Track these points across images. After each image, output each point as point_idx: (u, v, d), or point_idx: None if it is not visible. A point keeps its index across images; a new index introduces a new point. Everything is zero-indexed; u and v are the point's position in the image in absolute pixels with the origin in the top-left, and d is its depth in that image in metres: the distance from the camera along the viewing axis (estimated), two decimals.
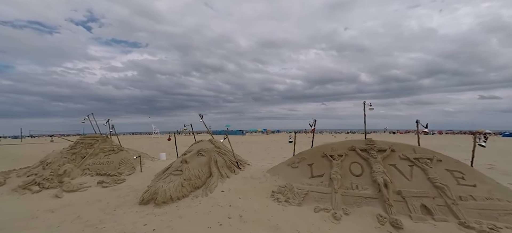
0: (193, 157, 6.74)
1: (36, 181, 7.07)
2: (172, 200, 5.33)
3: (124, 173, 7.83)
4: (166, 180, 5.86)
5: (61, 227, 3.94)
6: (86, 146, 9.10)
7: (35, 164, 8.80)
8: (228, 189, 5.71)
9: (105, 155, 8.78)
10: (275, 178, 6.04)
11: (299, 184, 5.42)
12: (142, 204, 5.27)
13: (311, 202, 4.84)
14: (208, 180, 6.22)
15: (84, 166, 8.23)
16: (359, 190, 4.73)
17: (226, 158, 7.02)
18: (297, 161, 6.19)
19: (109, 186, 6.94)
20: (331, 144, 6.15)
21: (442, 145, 21.81)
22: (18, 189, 6.75)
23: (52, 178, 7.25)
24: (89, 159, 8.56)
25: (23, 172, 8.34)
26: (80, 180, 7.40)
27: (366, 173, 5.08)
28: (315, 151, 6.16)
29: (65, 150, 9.10)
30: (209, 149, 7.07)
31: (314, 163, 5.87)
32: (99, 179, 7.36)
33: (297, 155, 6.46)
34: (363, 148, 5.60)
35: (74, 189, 6.66)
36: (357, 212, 4.32)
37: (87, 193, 6.37)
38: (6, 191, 6.70)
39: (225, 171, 6.62)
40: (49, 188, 6.90)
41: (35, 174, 7.83)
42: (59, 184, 7.07)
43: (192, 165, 6.38)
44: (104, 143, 9.35)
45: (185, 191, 5.66)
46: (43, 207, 5.05)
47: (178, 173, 6.10)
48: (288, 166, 6.32)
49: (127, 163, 8.44)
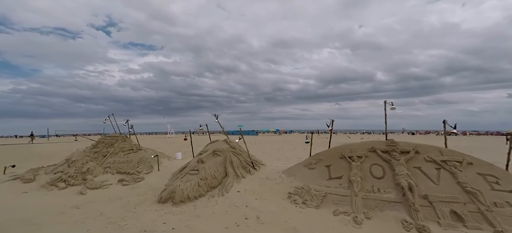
0: (208, 157, 6.80)
1: (62, 178, 7.45)
2: (189, 199, 5.39)
3: (142, 172, 8.05)
4: (183, 179, 5.95)
5: (86, 223, 4.11)
6: (107, 145, 9.48)
7: (61, 161, 9.30)
8: (244, 189, 5.69)
9: (125, 154, 9.09)
10: (291, 179, 5.93)
11: (316, 185, 5.28)
12: (161, 203, 5.38)
13: (329, 204, 4.70)
14: (223, 180, 6.24)
15: (105, 164, 8.56)
16: (381, 194, 4.52)
17: (241, 158, 7.02)
18: (314, 162, 6.05)
19: (129, 184, 7.17)
20: (350, 144, 5.94)
21: (468, 147, 20.52)
22: (46, 186, 7.15)
23: (76, 175, 7.61)
24: (110, 157, 8.90)
25: (50, 169, 8.83)
26: (102, 178, 7.71)
27: (388, 176, 4.84)
28: (332, 152, 5.99)
29: (87, 149, 9.54)
30: (224, 149, 7.10)
31: (332, 164, 5.70)
32: (120, 177, 7.63)
33: (313, 156, 6.31)
34: (384, 149, 5.35)
35: (96, 186, 6.94)
36: (379, 216, 4.13)
37: (109, 191, 6.62)
38: (36, 187, 7.12)
39: (241, 171, 6.61)
40: (74, 185, 7.24)
41: (61, 171, 8.27)
42: (83, 181, 7.40)
43: (208, 165, 6.43)
44: (123, 142, 9.69)
45: (202, 191, 5.71)
46: (69, 203, 5.29)
47: (194, 173, 6.17)
48: (304, 167, 6.19)
49: (145, 162, 8.68)
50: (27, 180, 7.68)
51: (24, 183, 7.58)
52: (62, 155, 15.63)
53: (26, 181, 7.66)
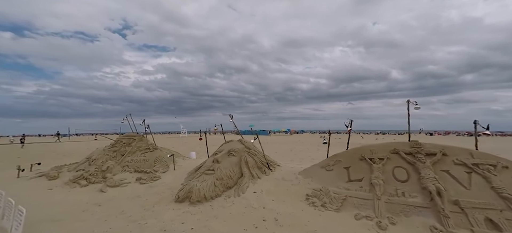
0: (224, 157, 6.79)
1: (84, 176, 7.73)
2: (206, 199, 5.40)
3: (159, 171, 8.19)
4: (199, 179, 5.97)
5: (108, 221, 4.21)
6: (125, 144, 9.75)
7: (82, 160, 9.67)
8: (260, 190, 5.63)
9: (142, 153, 9.30)
10: (308, 180, 5.80)
11: (335, 188, 5.12)
12: (178, 202, 5.42)
13: (350, 208, 4.53)
14: (239, 180, 6.21)
15: (123, 163, 8.80)
16: (406, 198, 4.30)
17: (256, 159, 6.96)
18: (332, 163, 5.87)
19: (146, 183, 7.31)
20: (370, 146, 5.72)
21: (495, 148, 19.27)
22: (69, 183, 7.45)
23: (97, 173, 7.87)
24: (127, 156, 9.14)
25: (72, 167, 9.21)
26: (121, 176, 7.92)
27: (413, 179, 4.60)
28: (351, 153, 5.78)
29: (106, 148, 9.86)
30: (239, 149, 7.07)
31: (351, 166, 5.51)
32: (137, 176, 7.80)
33: (331, 157, 6.13)
34: (408, 151, 5.09)
35: (116, 185, 7.14)
36: (405, 222, 3.92)
37: (128, 189, 6.77)
38: (60, 184, 7.43)
39: (256, 172, 6.55)
40: (95, 182, 7.49)
41: (82, 169, 8.59)
42: (103, 179, 7.64)
43: (224, 165, 6.42)
44: (140, 141, 9.93)
45: (218, 191, 5.71)
46: (91, 201, 5.46)
47: (210, 173, 6.18)
48: (321, 168, 6.03)
49: (161, 161, 8.83)
50: (51, 177, 8.05)
51: (49, 180, 7.94)
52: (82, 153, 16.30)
53: (50, 178, 8.02)
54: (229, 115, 7.65)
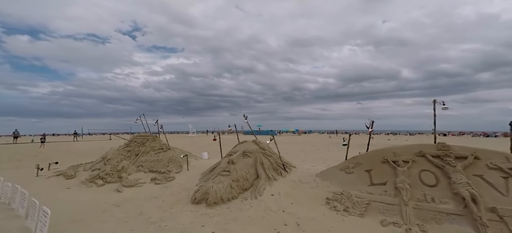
0: (239, 158, 6.69)
1: (100, 175, 7.82)
2: (223, 201, 5.31)
3: (173, 171, 8.19)
4: (215, 181, 5.89)
5: (128, 223, 4.18)
6: (139, 144, 9.83)
7: (97, 159, 9.81)
8: (278, 192, 5.49)
9: (156, 153, 9.34)
10: (327, 183, 5.62)
11: (357, 192, 4.92)
12: (195, 203, 5.36)
13: (375, 213, 4.32)
14: (255, 182, 6.09)
15: (138, 163, 8.86)
16: (436, 204, 4.06)
17: (271, 160, 6.83)
18: (352, 166, 5.67)
19: (161, 183, 7.31)
20: (392, 147, 5.48)
21: None
22: (86, 182, 7.54)
23: (112, 173, 7.94)
24: (141, 156, 9.20)
25: (88, 166, 9.35)
26: (136, 176, 7.97)
27: (443, 184, 4.35)
28: (372, 156, 5.56)
29: (121, 148, 9.97)
30: (254, 150, 6.96)
31: (372, 169, 5.29)
32: (152, 176, 7.82)
33: (350, 159, 5.93)
34: (435, 153, 4.83)
35: (131, 184, 7.17)
36: (437, 230, 3.69)
37: (143, 189, 6.78)
38: (77, 183, 7.54)
39: (272, 174, 6.42)
40: (111, 182, 7.55)
41: (98, 168, 8.70)
42: (119, 179, 7.70)
43: (239, 166, 6.32)
44: (153, 141, 9.99)
45: (234, 192, 5.61)
46: (109, 201, 5.48)
47: (226, 174, 6.10)
48: (340, 170, 5.83)
49: (175, 161, 8.84)
50: (69, 176, 8.19)
51: (66, 179, 8.08)
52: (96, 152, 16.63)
53: (68, 177, 8.16)
54: (244, 116, 7.56)
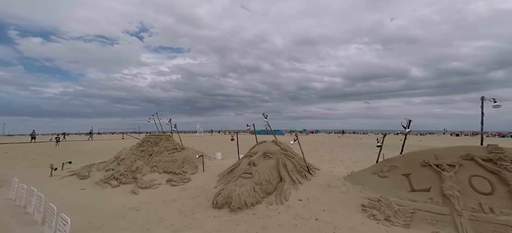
0: (259, 159, 6.31)
1: (114, 176, 7.58)
2: (247, 206, 4.94)
3: (188, 172, 7.89)
4: (237, 183, 5.53)
5: (151, 230, 3.86)
6: (152, 144, 9.57)
7: (110, 159, 9.61)
8: (306, 198, 5.08)
9: (169, 153, 9.06)
10: (359, 188, 5.17)
11: (396, 198, 4.46)
12: (217, 208, 5.02)
13: (422, 224, 3.86)
14: (278, 185, 5.70)
15: (152, 163, 8.60)
16: (496, 215, 3.57)
17: (294, 161, 6.42)
18: (387, 169, 5.20)
19: (177, 184, 7.00)
20: (432, 149, 4.98)
21: None
22: (100, 183, 7.31)
23: (127, 173, 7.69)
24: (155, 156, 8.94)
25: (102, 166, 9.15)
26: (150, 177, 7.69)
27: (501, 192, 3.84)
28: (410, 158, 5.08)
29: (134, 147, 9.74)
30: (275, 150, 6.56)
31: (412, 173, 4.82)
32: (167, 177, 7.53)
33: (383, 162, 5.46)
34: (486, 157, 4.32)
35: (147, 186, 6.89)
36: None
37: (160, 191, 6.49)
38: (91, 184, 7.32)
39: (296, 176, 6.01)
40: (125, 183, 7.30)
41: (112, 169, 8.47)
42: (133, 179, 7.45)
43: (261, 168, 5.94)
44: (167, 141, 9.72)
45: (258, 197, 5.23)
46: (127, 204, 5.20)
47: (247, 176, 5.72)
48: (373, 174, 5.37)
49: (189, 162, 8.54)
50: (83, 176, 7.99)
51: (80, 179, 7.89)
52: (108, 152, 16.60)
53: (82, 177, 7.97)
54: (263, 114, 7.17)
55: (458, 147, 4.78)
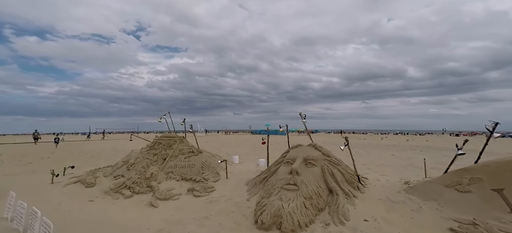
0: (301, 166, 5.38)
1: (126, 184, 6.58)
2: (301, 228, 4.00)
3: (209, 179, 6.92)
4: (281, 197, 4.57)
5: None
6: (165, 146, 8.59)
7: (118, 163, 8.61)
8: (371, 216, 4.16)
9: (185, 157, 8.08)
10: (434, 205, 4.27)
11: (495, 222, 3.56)
12: (262, 229, 4.08)
13: None
14: (329, 199, 4.78)
15: (167, 169, 7.62)
16: None
17: (342, 170, 5.51)
18: (467, 182, 4.31)
19: (201, 195, 6.03)
20: None
21: None
22: (111, 192, 6.31)
23: (140, 181, 6.70)
24: (170, 161, 7.96)
25: (109, 172, 8.14)
26: (167, 185, 6.72)
27: None
28: (497, 169, 4.19)
29: (144, 150, 8.74)
30: (317, 156, 5.64)
31: (505, 188, 3.92)
32: (188, 186, 6.54)
33: (458, 172, 4.57)
34: None
35: (166, 197, 5.90)
36: None
37: (183, 204, 5.52)
38: (100, 194, 6.32)
39: (348, 188, 5.10)
40: (139, 192, 6.32)
41: (121, 175, 7.48)
42: (148, 188, 6.47)
43: (307, 178, 4.99)
44: (181, 144, 8.74)
45: (310, 215, 4.29)
46: (151, 224, 4.22)
47: (293, 188, 4.78)
48: (447, 187, 4.48)
49: (209, 167, 7.57)
50: (89, 184, 6.98)
51: (86, 187, 6.87)
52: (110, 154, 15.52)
53: (88, 185, 6.95)
54: (300, 114, 6.23)
55: None
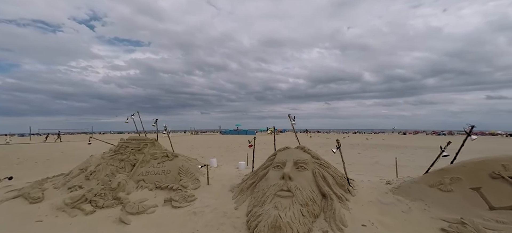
0: (292, 170, 5.15)
1: (87, 197, 5.50)
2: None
3: (189, 187, 6.24)
4: (277, 205, 4.24)
5: None
6: (134, 150, 7.54)
7: (72, 172, 7.27)
8: (367, 220, 4.10)
9: (159, 162, 7.19)
10: (421, 205, 4.42)
11: (479, 219, 3.79)
12: None
13: None
14: (324, 205, 4.63)
15: (137, 176, 6.66)
16: None
17: (332, 172, 5.43)
18: (448, 181, 4.57)
19: (181, 206, 5.34)
20: (498, 158, 4.52)
21: (489, 149, 19.96)
22: (66, 208, 5.18)
23: (105, 193, 5.68)
24: (140, 167, 6.99)
25: (60, 182, 6.81)
26: (138, 196, 5.83)
27: None
28: (473, 169, 4.54)
29: (107, 155, 7.55)
30: (307, 159, 5.48)
31: (482, 186, 4.25)
32: (164, 196, 5.76)
33: (440, 172, 4.84)
34: None
35: (139, 211, 5.07)
36: None
37: (160, 217, 4.78)
38: (51, 210, 5.15)
39: (340, 192, 5.02)
40: (104, 207, 5.33)
41: (78, 186, 6.29)
42: (115, 201, 5.51)
43: (300, 183, 4.76)
44: (153, 147, 7.79)
45: (308, 223, 4.06)
46: None
47: (287, 195, 4.49)
48: (431, 187, 4.70)
49: (187, 173, 6.84)
50: (34, 199, 5.66)
51: (31, 203, 5.56)
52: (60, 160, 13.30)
53: (33, 200, 5.63)
54: (289, 116, 6.00)
55: None
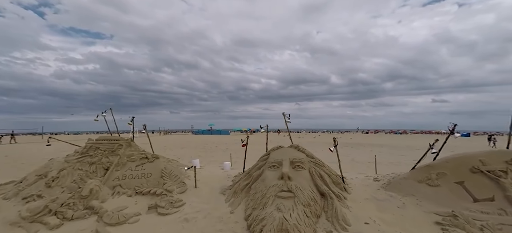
0: (290, 170, 5.00)
1: (50, 208, 4.63)
2: None
3: (174, 191, 5.68)
4: (280, 207, 4.04)
5: None
6: (107, 152, 6.66)
7: (27, 178, 6.15)
8: (369, 218, 4.13)
9: (137, 165, 6.45)
10: (414, 200, 4.62)
11: (466, 211, 4.07)
12: None
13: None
14: (324, 204, 4.56)
15: (112, 181, 5.86)
16: None
17: (327, 171, 5.41)
18: (435, 177, 4.86)
19: (169, 213, 4.80)
20: (475, 154, 4.93)
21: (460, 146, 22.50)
22: (24, 223, 4.29)
23: (74, 202, 4.85)
24: (116, 170, 6.18)
25: (12, 192, 5.71)
26: (116, 203, 5.12)
27: None
28: (456, 164, 4.89)
29: (73, 158, 6.54)
30: (303, 158, 5.39)
31: (465, 180, 4.60)
32: (147, 202, 5.14)
33: (427, 168, 5.13)
34: None
35: (119, 221, 4.41)
36: None
37: (148, 227, 4.22)
38: (2, 227, 4.21)
39: (338, 190, 5.01)
40: (75, 218, 4.55)
41: (37, 195, 5.32)
42: (88, 210, 4.74)
43: (300, 183, 4.64)
44: (129, 148, 6.98)
45: (312, 224, 3.94)
46: None
47: (288, 196, 4.32)
48: (419, 183, 4.96)
49: (171, 176, 6.24)
50: None
51: None
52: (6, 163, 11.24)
53: None
54: (283, 114, 5.83)
55: (498, 150, 4.88)
